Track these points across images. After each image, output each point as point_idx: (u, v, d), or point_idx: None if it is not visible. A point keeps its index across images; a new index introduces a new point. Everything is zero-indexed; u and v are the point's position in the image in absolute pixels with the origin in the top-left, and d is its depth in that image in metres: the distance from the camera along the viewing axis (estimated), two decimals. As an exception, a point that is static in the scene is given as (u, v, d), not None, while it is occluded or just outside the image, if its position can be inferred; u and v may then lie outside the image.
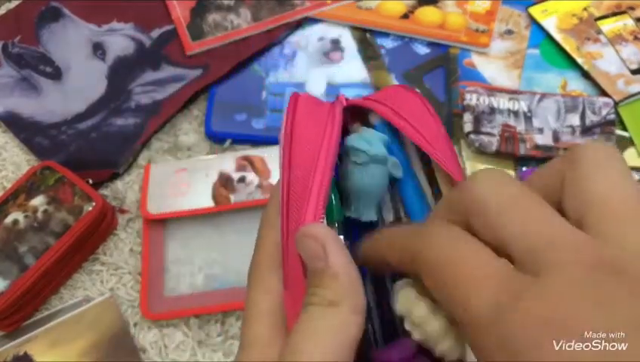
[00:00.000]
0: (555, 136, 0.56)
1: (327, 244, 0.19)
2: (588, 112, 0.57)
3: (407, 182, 0.25)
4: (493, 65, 0.63)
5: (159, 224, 0.55)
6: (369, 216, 0.24)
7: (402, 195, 0.25)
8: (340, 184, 0.25)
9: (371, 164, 0.23)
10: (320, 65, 0.64)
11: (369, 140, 0.24)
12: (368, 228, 0.24)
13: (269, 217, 0.23)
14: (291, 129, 0.23)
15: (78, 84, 0.63)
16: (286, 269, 0.21)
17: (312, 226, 0.20)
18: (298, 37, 0.66)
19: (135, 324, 0.53)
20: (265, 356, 0.20)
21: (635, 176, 0.57)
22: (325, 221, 0.22)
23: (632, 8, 0.65)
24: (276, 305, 0.21)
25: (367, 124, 0.26)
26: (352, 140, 0.24)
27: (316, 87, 0.62)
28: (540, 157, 0.56)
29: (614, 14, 0.65)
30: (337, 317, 0.18)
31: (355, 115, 0.26)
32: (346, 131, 0.25)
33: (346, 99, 0.25)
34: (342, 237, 0.23)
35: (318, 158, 0.22)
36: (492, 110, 0.57)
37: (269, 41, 0.64)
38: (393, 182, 0.25)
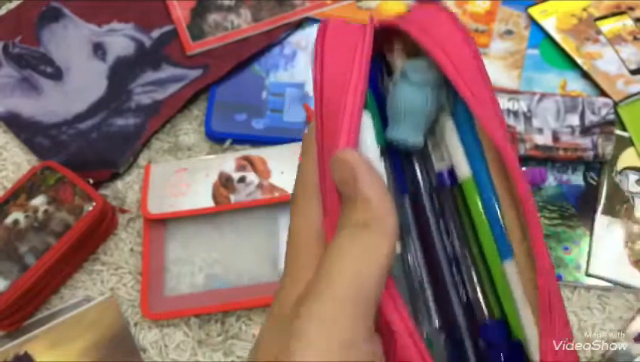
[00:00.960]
0: (555, 136, 0.56)
1: (358, 169, 0.19)
2: (587, 112, 0.57)
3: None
4: (492, 66, 0.63)
5: (159, 224, 0.55)
6: (416, 139, 0.23)
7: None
8: (385, 107, 0.24)
9: (427, 85, 0.23)
10: (320, 66, 0.64)
11: (430, 63, 0.23)
12: (410, 158, 0.24)
13: (306, 145, 0.23)
14: (321, 49, 0.23)
15: (79, 85, 0.63)
16: (324, 195, 0.21)
17: (342, 152, 0.20)
18: (298, 37, 0.66)
19: (135, 324, 0.53)
20: None
21: (635, 176, 0.57)
22: (362, 144, 0.21)
23: (631, 8, 0.65)
24: (317, 232, 0.21)
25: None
26: (412, 61, 0.23)
27: (316, 88, 0.62)
28: (540, 158, 0.56)
29: (614, 15, 0.65)
30: (368, 238, 0.19)
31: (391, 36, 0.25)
32: (381, 55, 0.25)
33: (379, 20, 0.24)
34: (382, 161, 0.22)
35: (350, 79, 0.22)
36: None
37: (269, 42, 0.64)
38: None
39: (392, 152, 0.24)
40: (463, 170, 0.22)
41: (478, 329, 0.21)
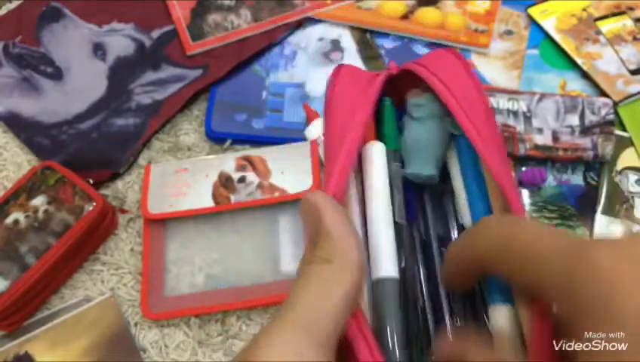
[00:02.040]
0: (555, 136, 0.56)
1: (322, 208, 0.21)
2: (587, 112, 0.57)
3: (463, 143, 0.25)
4: (492, 66, 0.63)
5: (160, 224, 0.55)
6: (429, 170, 0.24)
7: (459, 153, 0.25)
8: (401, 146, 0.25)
9: (429, 119, 0.24)
10: (320, 66, 0.64)
11: (427, 98, 0.24)
12: (422, 192, 0.25)
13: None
14: (331, 94, 0.24)
15: (79, 85, 0.63)
16: None
17: (310, 193, 0.22)
18: (298, 37, 0.66)
19: (135, 324, 0.53)
20: None
21: (635, 176, 0.57)
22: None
23: (631, 9, 0.65)
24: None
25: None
26: (412, 97, 0.25)
27: (316, 88, 0.62)
28: (540, 158, 0.56)
29: (614, 15, 0.65)
30: (329, 272, 0.20)
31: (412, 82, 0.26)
32: (402, 100, 0.26)
33: (396, 66, 0.26)
34: (399, 196, 0.24)
35: (352, 119, 0.23)
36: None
37: (269, 42, 0.64)
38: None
39: (407, 186, 0.25)
40: (467, 220, 0.24)
41: None
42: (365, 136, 0.24)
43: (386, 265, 0.23)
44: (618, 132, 0.58)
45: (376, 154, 0.24)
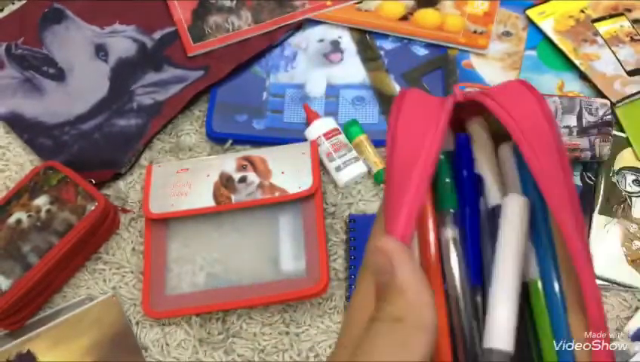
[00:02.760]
0: (553, 137, 0.56)
1: (395, 258, 0.19)
2: (585, 113, 0.57)
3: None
4: (491, 67, 0.64)
5: (161, 223, 0.56)
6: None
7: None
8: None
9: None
10: (320, 67, 0.64)
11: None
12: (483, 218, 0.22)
13: (378, 216, 0.22)
14: (395, 125, 0.22)
15: (81, 86, 0.64)
16: None
17: (381, 240, 0.19)
18: (298, 38, 0.66)
19: (137, 323, 0.53)
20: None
21: (632, 176, 0.57)
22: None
23: (628, 10, 0.66)
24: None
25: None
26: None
27: (316, 88, 0.63)
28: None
29: (611, 16, 0.66)
30: (402, 332, 0.18)
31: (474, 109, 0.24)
32: (462, 127, 0.23)
33: (463, 93, 0.23)
34: (455, 228, 0.21)
35: (417, 159, 0.20)
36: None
37: (269, 43, 0.65)
38: None
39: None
40: (532, 271, 0.21)
41: None
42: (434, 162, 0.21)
43: (504, 336, 0.19)
44: (615, 132, 0.58)
45: (514, 207, 0.21)
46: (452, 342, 0.21)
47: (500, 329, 0.20)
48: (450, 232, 0.22)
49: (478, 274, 0.21)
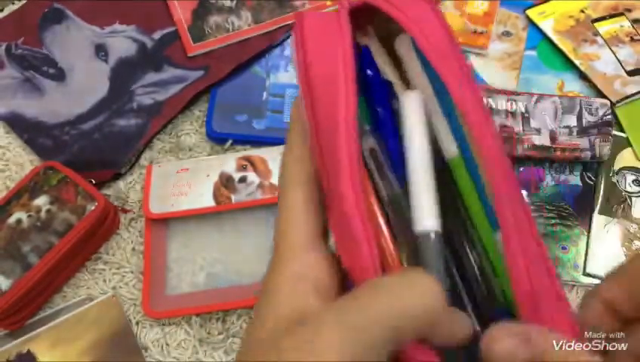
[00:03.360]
0: (553, 137, 0.56)
1: None
2: (585, 113, 0.57)
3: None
4: (490, 67, 0.64)
5: (161, 223, 0.56)
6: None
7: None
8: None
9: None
10: (320, 67, 0.64)
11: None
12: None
13: (290, 140, 0.23)
14: (304, 55, 0.22)
15: (81, 85, 0.64)
16: (327, 193, 0.21)
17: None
18: (298, 39, 0.66)
19: (137, 323, 0.53)
20: (305, 265, 0.20)
21: (632, 176, 0.57)
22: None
23: (628, 10, 0.66)
24: (306, 215, 0.21)
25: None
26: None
27: (316, 88, 0.63)
28: (538, 158, 0.57)
29: (611, 16, 0.66)
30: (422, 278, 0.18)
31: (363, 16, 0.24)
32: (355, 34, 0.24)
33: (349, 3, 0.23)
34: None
35: (337, 69, 0.21)
36: (490, 111, 0.57)
37: (269, 43, 0.65)
38: None
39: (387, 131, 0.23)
40: (451, 150, 0.22)
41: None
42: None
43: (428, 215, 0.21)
44: (615, 132, 0.58)
45: (412, 104, 0.22)
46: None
47: (424, 210, 0.21)
48: (369, 143, 0.22)
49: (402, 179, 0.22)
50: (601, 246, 0.54)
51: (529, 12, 0.66)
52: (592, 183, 0.57)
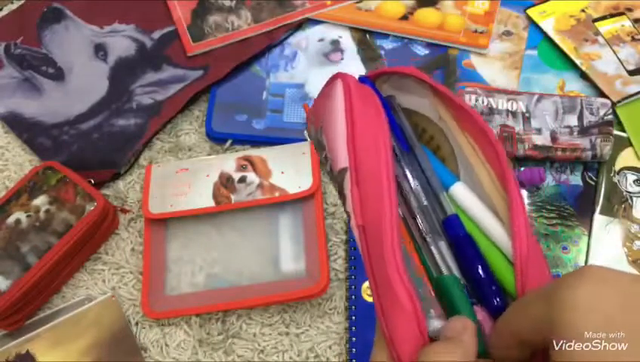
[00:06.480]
0: (553, 137, 0.56)
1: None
2: (586, 113, 0.57)
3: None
4: (491, 66, 0.64)
5: (160, 224, 0.56)
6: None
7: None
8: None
9: None
10: (320, 66, 0.64)
11: None
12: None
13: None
14: (350, 116, 0.27)
15: (80, 85, 0.63)
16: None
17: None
18: (298, 38, 0.66)
19: (136, 323, 0.53)
20: None
21: (633, 176, 0.57)
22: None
23: (629, 9, 0.66)
24: None
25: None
26: None
27: (316, 88, 0.63)
28: (539, 158, 0.56)
29: (612, 16, 0.65)
30: None
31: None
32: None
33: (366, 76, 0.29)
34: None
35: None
36: (491, 111, 0.57)
37: (269, 42, 0.65)
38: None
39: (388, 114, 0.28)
40: None
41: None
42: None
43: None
44: (616, 132, 0.58)
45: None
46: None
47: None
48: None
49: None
50: (602, 247, 0.54)
51: (530, 11, 0.66)
52: (592, 183, 0.57)
